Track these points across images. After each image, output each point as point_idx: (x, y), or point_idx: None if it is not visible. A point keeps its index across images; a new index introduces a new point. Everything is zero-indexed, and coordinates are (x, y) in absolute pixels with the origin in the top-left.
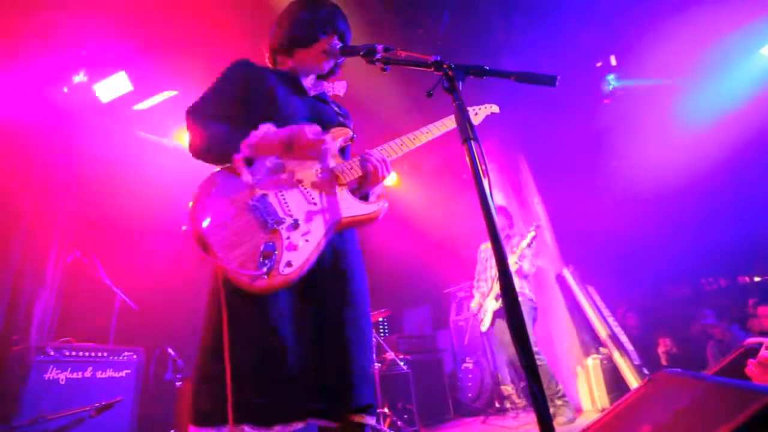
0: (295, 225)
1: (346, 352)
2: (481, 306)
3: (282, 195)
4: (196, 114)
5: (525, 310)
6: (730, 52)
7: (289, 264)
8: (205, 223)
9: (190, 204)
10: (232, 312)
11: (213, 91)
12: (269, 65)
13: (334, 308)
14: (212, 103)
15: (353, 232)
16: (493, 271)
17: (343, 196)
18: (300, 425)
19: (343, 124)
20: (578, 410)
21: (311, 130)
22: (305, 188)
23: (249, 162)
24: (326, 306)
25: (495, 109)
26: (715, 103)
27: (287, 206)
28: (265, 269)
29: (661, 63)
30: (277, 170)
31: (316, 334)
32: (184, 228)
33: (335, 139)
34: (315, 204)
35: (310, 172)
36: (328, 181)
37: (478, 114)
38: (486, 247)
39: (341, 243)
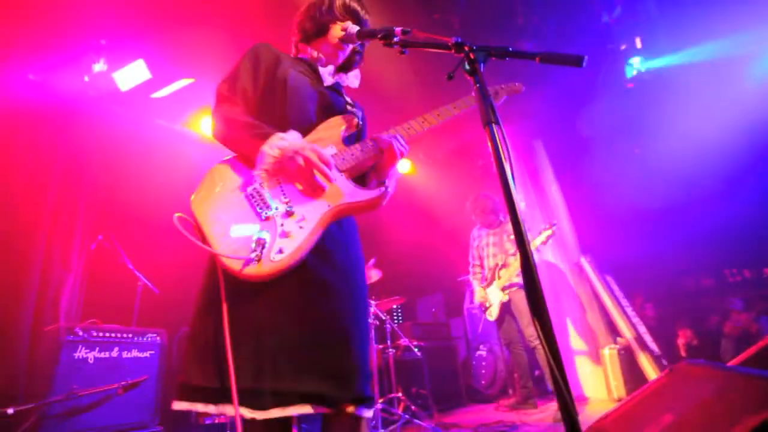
0: (290, 212)
1: (344, 342)
2: (485, 298)
3: (280, 183)
4: (222, 100)
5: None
6: (759, 32)
7: (280, 251)
8: (202, 213)
9: (192, 197)
10: (230, 297)
11: (235, 72)
12: (292, 53)
13: (332, 298)
14: (235, 86)
15: (352, 222)
16: (492, 260)
17: (342, 182)
18: (296, 409)
19: (351, 113)
20: (581, 399)
21: (316, 153)
22: None
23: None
24: (325, 295)
25: (518, 87)
26: (738, 87)
27: (284, 194)
28: (254, 255)
29: (688, 44)
30: None
31: (313, 323)
32: (177, 215)
33: (339, 126)
34: (311, 191)
35: None
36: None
37: (498, 93)
38: (478, 233)
39: (340, 233)
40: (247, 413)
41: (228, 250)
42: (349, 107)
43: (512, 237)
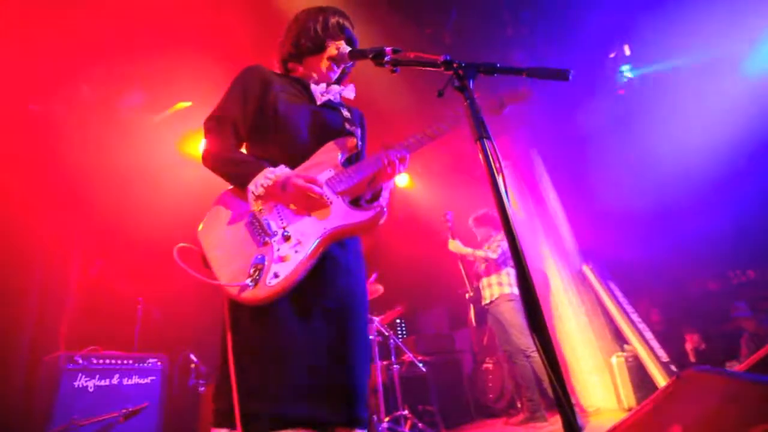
0: (286, 237)
1: (339, 365)
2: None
3: (279, 210)
4: (210, 133)
5: (512, 305)
6: (748, 34)
7: (276, 275)
8: (207, 241)
9: (199, 227)
10: (235, 323)
11: (224, 103)
12: (280, 72)
13: (333, 318)
14: (223, 119)
15: (355, 240)
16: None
17: (338, 204)
18: None
19: (349, 133)
20: (581, 410)
21: (299, 179)
22: None
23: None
24: (326, 316)
25: (523, 93)
26: (736, 86)
27: (282, 220)
28: (249, 280)
29: (676, 48)
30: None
31: (315, 344)
32: (178, 246)
33: (337, 149)
34: (308, 216)
35: None
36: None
37: (503, 102)
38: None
39: (341, 252)
40: None
41: (227, 276)
42: (347, 125)
43: (485, 246)
